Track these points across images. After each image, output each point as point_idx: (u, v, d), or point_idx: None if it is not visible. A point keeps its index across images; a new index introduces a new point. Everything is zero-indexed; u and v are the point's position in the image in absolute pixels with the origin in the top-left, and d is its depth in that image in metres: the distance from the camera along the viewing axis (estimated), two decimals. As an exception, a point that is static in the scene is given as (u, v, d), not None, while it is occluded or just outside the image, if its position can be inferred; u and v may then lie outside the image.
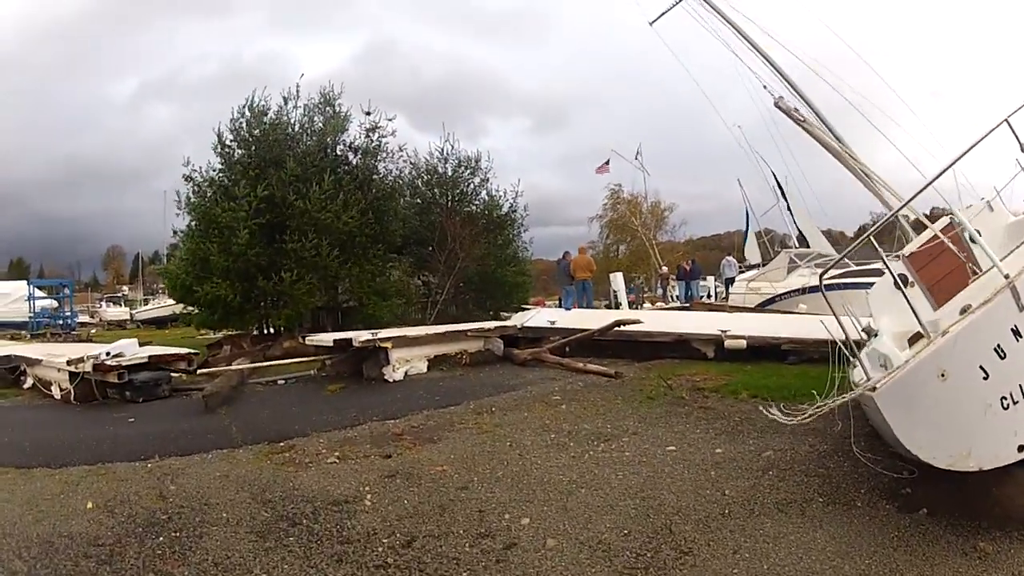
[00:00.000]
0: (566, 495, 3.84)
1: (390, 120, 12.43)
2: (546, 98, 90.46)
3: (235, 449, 4.93)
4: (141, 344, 8.20)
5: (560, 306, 12.11)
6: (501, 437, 5.04)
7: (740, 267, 23.40)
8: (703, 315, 9.86)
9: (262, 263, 10.16)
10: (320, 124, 12.11)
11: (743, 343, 7.62)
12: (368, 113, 12.33)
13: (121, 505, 3.82)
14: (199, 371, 7.57)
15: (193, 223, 10.98)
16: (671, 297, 21.02)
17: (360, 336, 7.29)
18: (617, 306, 13.74)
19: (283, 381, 7.74)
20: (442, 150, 14.42)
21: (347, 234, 10.82)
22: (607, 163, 27.56)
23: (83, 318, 29.12)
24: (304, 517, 3.61)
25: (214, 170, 11.31)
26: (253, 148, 11.32)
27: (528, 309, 15.38)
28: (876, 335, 4.53)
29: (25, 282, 25.31)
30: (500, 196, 14.58)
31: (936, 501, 3.34)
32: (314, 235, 10.12)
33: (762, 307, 12.73)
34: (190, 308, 11.38)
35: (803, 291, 12.57)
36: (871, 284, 11.54)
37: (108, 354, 7.20)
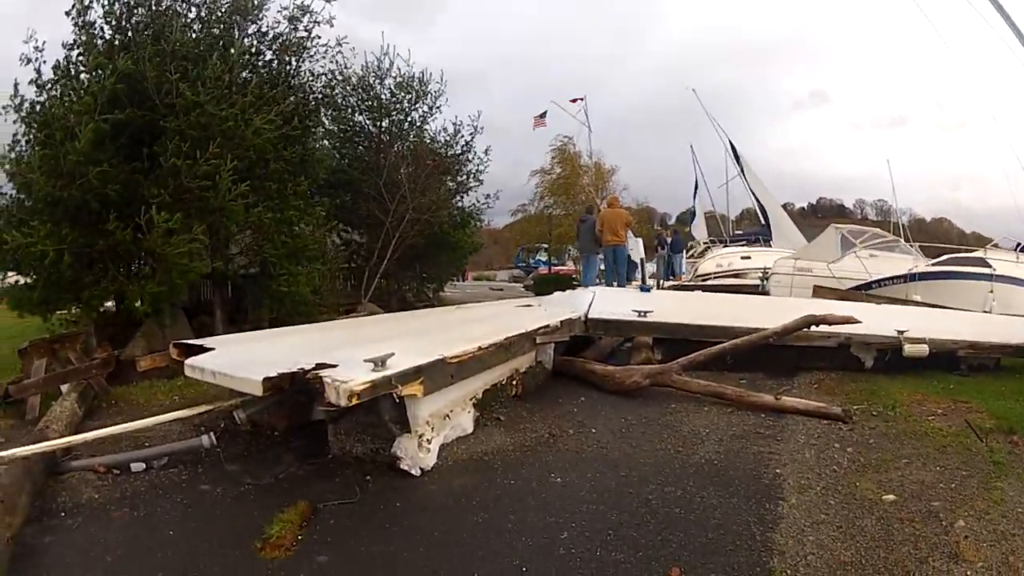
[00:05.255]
0: None
1: (328, 1, 7.84)
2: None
3: None
4: None
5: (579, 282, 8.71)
6: None
7: (692, 245, 21.24)
8: (848, 306, 6.93)
9: (112, 192, 5.66)
10: (226, 2, 7.40)
11: (925, 349, 5.58)
12: (290, -7, 7.71)
13: None
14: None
15: (21, 128, 6.09)
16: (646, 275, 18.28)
17: (346, 381, 2.80)
18: (644, 282, 10.53)
19: (142, 466, 3.40)
20: (378, 65, 10.38)
21: (259, 150, 6.54)
22: (544, 115, 23.79)
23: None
24: None
25: (64, 46, 6.38)
26: (120, 12, 6.51)
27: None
28: None
29: None
30: (454, 130, 10.81)
31: None
32: (217, 148, 5.76)
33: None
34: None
35: (910, 277, 10.07)
36: (985, 275, 9.63)
37: None
